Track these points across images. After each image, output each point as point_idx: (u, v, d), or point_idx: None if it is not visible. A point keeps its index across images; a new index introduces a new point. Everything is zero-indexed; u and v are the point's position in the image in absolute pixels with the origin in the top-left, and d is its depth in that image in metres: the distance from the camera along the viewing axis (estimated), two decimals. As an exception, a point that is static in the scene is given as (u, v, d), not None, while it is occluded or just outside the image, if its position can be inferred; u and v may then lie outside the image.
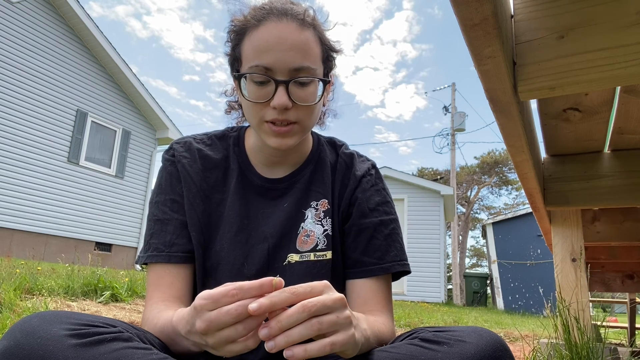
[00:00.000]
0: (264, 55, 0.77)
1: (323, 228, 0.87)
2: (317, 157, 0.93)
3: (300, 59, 0.77)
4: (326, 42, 0.85)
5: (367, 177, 0.92)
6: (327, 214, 0.88)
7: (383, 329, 0.77)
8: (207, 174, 0.89)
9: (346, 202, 0.90)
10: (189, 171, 0.88)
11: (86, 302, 2.77)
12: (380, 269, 0.86)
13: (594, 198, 1.75)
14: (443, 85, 22.91)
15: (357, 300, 0.86)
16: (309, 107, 0.80)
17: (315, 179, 0.91)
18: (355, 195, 0.90)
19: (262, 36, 0.78)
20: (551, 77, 0.86)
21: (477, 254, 32.69)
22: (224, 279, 0.83)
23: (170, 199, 0.87)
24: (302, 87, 0.79)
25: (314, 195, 0.89)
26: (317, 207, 0.89)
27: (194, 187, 0.87)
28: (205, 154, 0.90)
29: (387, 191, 0.94)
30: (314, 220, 0.87)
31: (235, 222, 0.86)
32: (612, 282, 3.02)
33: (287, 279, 0.83)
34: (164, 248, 0.84)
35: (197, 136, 0.94)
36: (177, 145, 0.91)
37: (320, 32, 0.84)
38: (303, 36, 0.79)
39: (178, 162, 0.89)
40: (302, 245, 0.86)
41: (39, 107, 8.12)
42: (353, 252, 0.88)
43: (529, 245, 12.07)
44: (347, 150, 0.96)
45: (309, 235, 0.86)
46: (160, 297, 0.81)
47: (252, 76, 0.78)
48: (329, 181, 0.91)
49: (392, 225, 0.90)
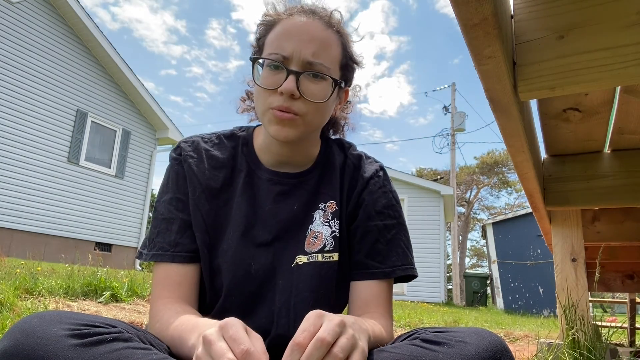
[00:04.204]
0: (283, 44, 0.79)
1: (331, 229, 0.87)
2: (325, 159, 0.93)
3: (316, 53, 0.79)
4: (348, 50, 0.88)
5: (375, 178, 0.92)
6: (335, 215, 0.88)
7: (381, 332, 0.77)
8: (214, 173, 0.88)
9: (353, 204, 0.91)
10: (195, 171, 0.88)
11: (86, 302, 2.77)
12: (381, 273, 0.86)
13: (594, 198, 1.75)
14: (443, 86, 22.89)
15: (358, 302, 0.86)
16: (315, 104, 0.80)
17: (324, 181, 0.91)
18: (362, 197, 0.90)
19: (286, 27, 0.82)
20: (551, 77, 0.86)
21: (477, 254, 32.69)
22: (231, 278, 0.83)
23: (176, 197, 0.87)
24: (312, 82, 0.80)
25: (322, 197, 0.89)
26: (325, 208, 0.89)
27: (199, 187, 0.87)
28: (212, 154, 0.90)
29: (395, 194, 0.94)
30: (322, 222, 0.87)
31: (242, 222, 0.85)
32: (612, 282, 3.02)
33: (295, 280, 0.83)
34: (168, 247, 0.83)
35: (205, 136, 0.94)
36: (185, 144, 0.91)
37: (344, 39, 0.87)
38: (325, 34, 0.82)
39: (184, 162, 0.89)
40: (310, 247, 0.86)
41: (39, 107, 8.12)
42: (357, 253, 0.88)
43: (529, 245, 12.06)
44: (355, 152, 0.96)
45: (316, 237, 0.86)
46: (168, 296, 0.81)
47: (266, 61, 0.80)
48: (337, 183, 0.91)
49: (396, 229, 0.90)
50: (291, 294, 0.83)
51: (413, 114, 58.06)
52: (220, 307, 0.84)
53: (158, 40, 59.73)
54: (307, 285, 0.83)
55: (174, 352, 0.71)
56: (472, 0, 0.63)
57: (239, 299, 0.83)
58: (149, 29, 58.70)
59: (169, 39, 59.34)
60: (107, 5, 60.27)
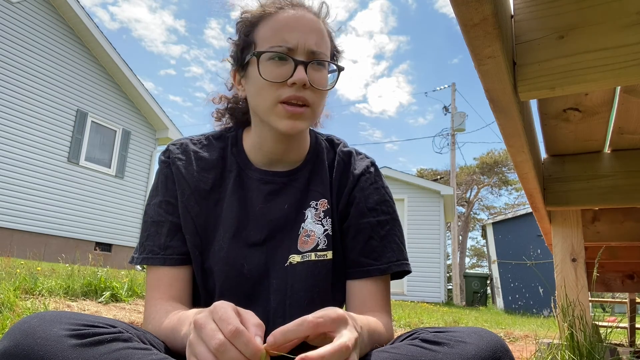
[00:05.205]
0: (286, 35, 0.79)
1: (323, 228, 0.87)
2: (315, 156, 0.93)
3: (318, 43, 0.81)
4: (333, 41, 0.89)
5: (366, 175, 0.92)
6: (326, 213, 0.88)
7: (379, 326, 0.77)
8: (203, 175, 0.88)
9: (344, 202, 0.90)
10: (184, 173, 0.87)
11: (86, 302, 2.77)
12: (377, 270, 0.86)
13: (594, 198, 1.75)
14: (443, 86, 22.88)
15: (356, 301, 0.85)
16: (321, 92, 0.82)
17: (314, 178, 0.90)
18: (353, 194, 0.90)
19: (282, 19, 0.81)
20: (551, 77, 0.86)
21: (477, 254, 32.69)
22: (224, 279, 0.83)
23: (165, 200, 0.86)
24: (317, 71, 0.81)
25: (313, 195, 0.89)
26: (316, 206, 0.88)
27: (187, 189, 0.86)
28: (201, 156, 0.90)
29: (387, 189, 0.93)
30: (314, 220, 0.87)
31: (233, 223, 0.85)
32: (612, 282, 3.02)
33: (290, 280, 0.83)
34: (158, 251, 0.83)
35: (194, 137, 0.94)
36: (173, 147, 0.91)
37: (329, 30, 0.88)
38: (319, 25, 0.83)
39: (173, 164, 0.88)
40: (303, 246, 0.85)
41: (39, 107, 8.12)
42: (351, 252, 0.87)
43: (529, 245, 12.06)
44: (345, 148, 0.96)
45: (309, 235, 0.86)
46: (161, 297, 0.81)
47: (270, 55, 0.79)
48: (328, 181, 0.90)
49: (390, 225, 0.89)
50: (286, 294, 0.82)
51: (413, 114, 58.10)
52: None
53: (157, 40, 59.77)
54: (301, 285, 0.83)
55: (170, 347, 0.71)
56: (472, 0, 0.63)
57: (233, 299, 0.83)
58: (148, 28, 58.76)
59: (168, 39, 59.38)
60: (106, 5, 60.32)
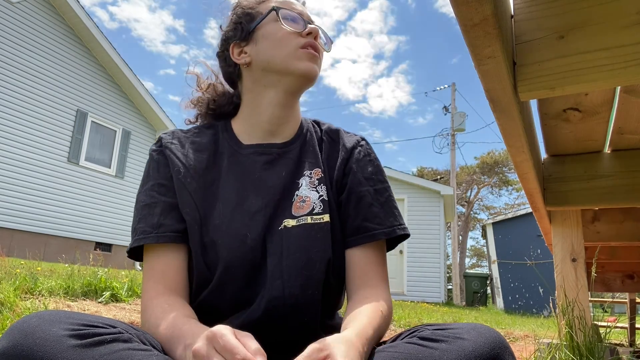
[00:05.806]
0: (292, 6, 0.92)
1: (318, 194, 0.88)
2: (305, 131, 0.96)
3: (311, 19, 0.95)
4: None
5: (359, 147, 0.96)
6: (321, 181, 0.89)
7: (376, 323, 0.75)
8: (197, 154, 0.89)
9: (340, 173, 0.92)
10: (178, 155, 0.88)
11: (86, 302, 2.77)
12: (382, 233, 0.87)
13: (594, 198, 1.75)
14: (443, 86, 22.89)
15: (357, 272, 0.86)
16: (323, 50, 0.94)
17: (306, 151, 0.93)
18: (349, 165, 0.93)
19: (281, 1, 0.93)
20: (551, 77, 0.86)
21: (477, 254, 32.69)
22: (229, 251, 0.82)
23: (158, 183, 0.87)
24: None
25: (307, 165, 0.91)
26: (310, 175, 0.90)
27: (183, 168, 0.87)
28: (194, 140, 0.92)
29: (379, 162, 0.97)
30: (309, 187, 0.88)
31: (233, 198, 0.86)
32: (612, 282, 3.02)
33: (284, 243, 0.83)
34: (151, 230, 0.82)
35: (184, 129, 0.96)
36: (165, 135, 0.93)
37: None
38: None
39: (166, 148, 0.89)
40: (297, 211, 0.86)
41: (39, 107, 8.12)
42: (354, 219, 0.88)
43: (529, 245, 12.06)
44: (332, 127, 1.00)
45: (304, 201, 0.87)
46: (156, 290, 0.80)
47: (287, 12, 0.90)
48: (319, 154, 0.94)
49: (388, 192, 0.93)
50: (282, 255, 0.82)
51: (412, 114, 58.12)
52: (217, 281, 0.82)
53: (157, 40, 59.77)
54: (296, 246, 0.82)
55: (166, 352, 0.70)
56: (472, 0, 0.63)
57: (240, 270, 0.82)
58: (148, 28, 58.77)
59: (167, 39, 59.39)
60: (106, 5, 60.29)
